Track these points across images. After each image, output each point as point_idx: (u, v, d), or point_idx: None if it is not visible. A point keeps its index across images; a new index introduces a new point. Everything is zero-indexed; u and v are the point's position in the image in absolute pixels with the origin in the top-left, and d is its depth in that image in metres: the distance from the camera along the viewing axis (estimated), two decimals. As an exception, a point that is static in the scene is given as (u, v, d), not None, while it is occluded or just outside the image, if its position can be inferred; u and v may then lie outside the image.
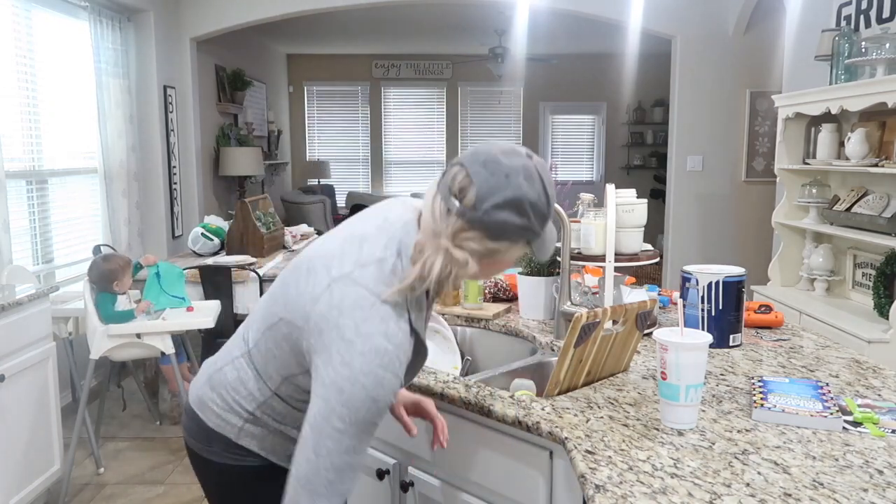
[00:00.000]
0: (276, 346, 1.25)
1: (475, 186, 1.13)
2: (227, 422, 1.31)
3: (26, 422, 2.73)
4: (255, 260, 4.16)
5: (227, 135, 6.48)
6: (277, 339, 1.24)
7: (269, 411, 1.30)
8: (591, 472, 1.17)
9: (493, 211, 1.12)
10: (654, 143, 9.83)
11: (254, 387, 1.30)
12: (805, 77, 3.94)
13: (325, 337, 1.14)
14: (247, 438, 1.31)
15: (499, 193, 1.12)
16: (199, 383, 1.38)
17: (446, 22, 7.45)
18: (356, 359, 1.11)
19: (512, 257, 1.21)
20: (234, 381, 1.31)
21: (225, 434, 1.31)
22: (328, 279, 1.18)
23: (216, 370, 1.36)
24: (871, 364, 1.76)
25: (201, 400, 1.35)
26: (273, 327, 1.25)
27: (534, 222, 1.15)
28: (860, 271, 3.40)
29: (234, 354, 1.34)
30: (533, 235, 1.17)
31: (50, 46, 4.09)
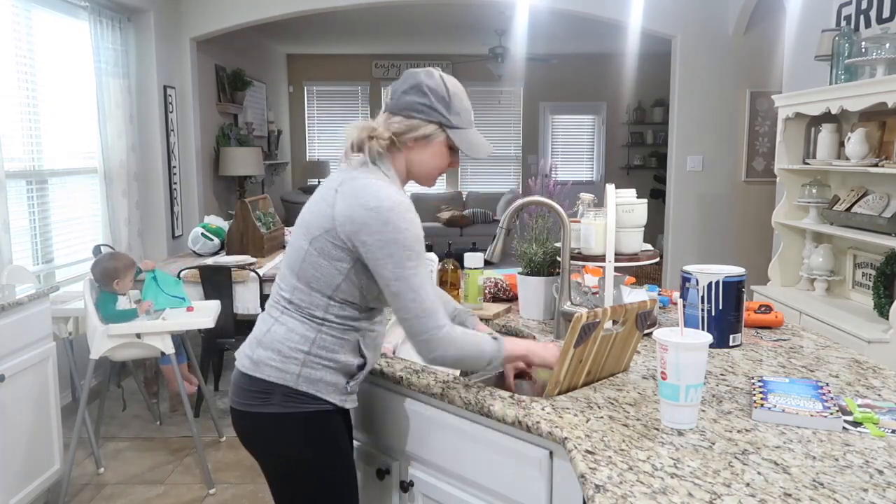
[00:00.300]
0: (316, 268, 1.50)
1: (391, 88, 1.58)
2: (286, 371, 1.51)
3: (26, 422, 2.73)
4: (255, 260, 4.16)
5: (227, 135, 6.48)
6: (316, 261, 1.49)
7: (323, 344, 1.52)
8: (591, 472, 1.17)
9: (402, 95, 1.55)
10: (654, 143, 9.83)
11: (303, 329, 1.52)
12: (805, 77, 3.94)
13: (356, 218, 1.44)
14: (305, 383, 1.51)
15: (405, 83, 1.56)
16: (248, 350, 1.56)
17: (446, 22, 7.46)
18: (390, 214, 1.43)
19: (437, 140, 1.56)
20: (284, 333, 1.53)
21: (284, 383, 1.51)
22: (333, 189, 1.51)
23: (264, 333, 1.55)
24: (871, 364, 1.76)
25: (255, 361, 1.53)
26: (307, 255, 1.50)
27: (434, 102, 1.53)
28: (860, 271, 3.40)
29: (275, 315, 1.56)
30: (441, 116, 1.54)
31: (50, 46, 4.09)
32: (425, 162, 1.59)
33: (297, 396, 1.52)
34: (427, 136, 1.55)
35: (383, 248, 1.43)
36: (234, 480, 3.24)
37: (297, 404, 1.52)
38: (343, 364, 1.55)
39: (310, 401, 1.52)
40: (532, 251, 2.14)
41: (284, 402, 1.51)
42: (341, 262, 1.49)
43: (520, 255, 2.18)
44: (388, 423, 1.76)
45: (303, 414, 1.52)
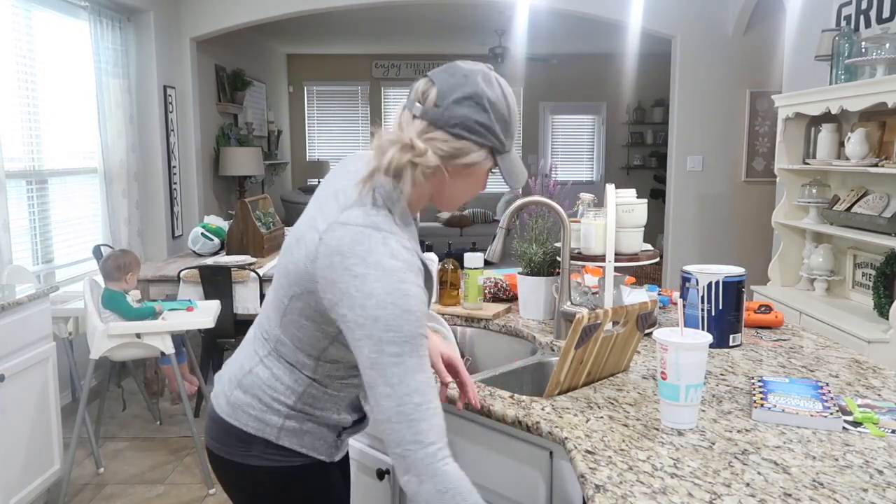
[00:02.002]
0: (298, 328, 1.24)
1: (436, 87, 1.18)
2: (267, 423, 1.29)
3: (26, 422, 2.73)
4: (255, 260, 4.16)
5: (227, 135, 6.48)
6: (296, 319, 1.24)
7: (309, 400, 1.29)
8: (591, 472, 1.17)
9: (454, 106, 1.17)
10: (654, 143, 9.83)
11: (290, 379, 1.29)
12: (805, 77, 3.94)
13: (338, 284, 1.14)
14: (287, 438, 1.30)
15: (459, 90, 1.17)
16: (226, 390, 1.33)
17: (446, 22, 7.45)
18: (375, 286, 1.12)
19: (481, 169, 1.24)
20: (268, 380, 1.29)
21: (265, 436, 1.29)
22: (317, 235, 1.18)
23: (245, 373, 1.32)
24: (871, 364, 1.76)
25: (234, 406, 1.31)
26: (287, 311, 1.24)
27: (494, 123, 1.19)
28: (860, 271, 3.40)
29: (261, 354, 1.32)
30: (496, 141, 1.21)
31: (50, 46, 4.09)
32: (458, 193, 1.28)
33: (279, 450, 1.30)
34: (473, 164, 1.22)
35: (362, 327, 1.12)
36: (234, 480, 3.24)
37: (281, 457, 1.30)
38: (335, 422, 1.33)
39: (294, 455, 1.31)
40: (532, 251, 2.14)
41: (265, 454, 1.30)
42: (328, 327, 1.21)
43: (520, 255, 2.18)
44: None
45: (287, 468, 1.31)
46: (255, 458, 1.30)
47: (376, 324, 1.11)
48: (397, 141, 1.17)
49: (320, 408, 1.31)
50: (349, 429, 1.37)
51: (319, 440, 1.32)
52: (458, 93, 1.17)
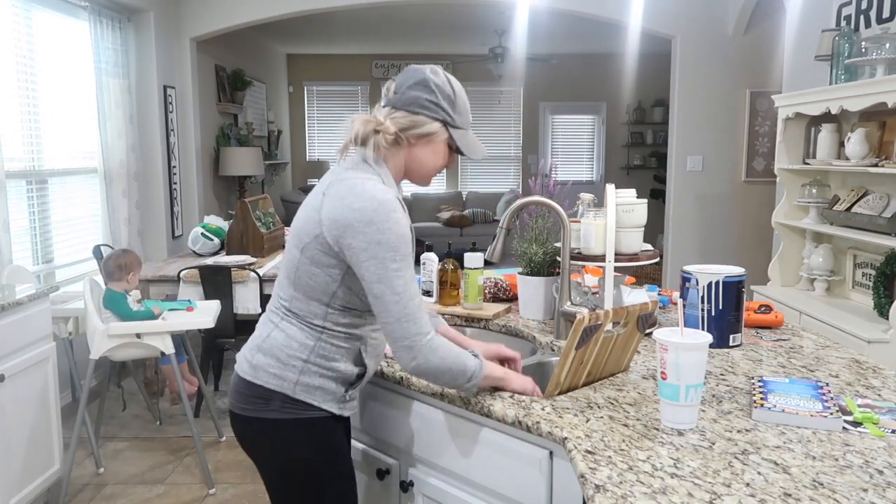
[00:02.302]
0: (310, 277, 1.47)
1: (395, 83, 1.54)
2: (284, 378, 1.50)
3: (26, 422, 2.73)
4: (255, 260, 4.16)
5: (227, 135, 6.48)
6: (308, 269, 1.47)
7: (322, 353, 1.50)
8: (591, 472, 1.17)
9: (407, 91, 1.51)
10: (654, 143, 9.83)
11: (302, 337, 1.50)
12: (805, 77, 3.94)
13: (342, 220, 1.42)
14: (302, 392, 1.50)
15: (410, 79, 1.52)
16: (248, 356, 1.55)
17: (446, 22, 7.45)
18: (373, 215, 1.40)
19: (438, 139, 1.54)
20: (284, 340, 1.51)
21: (283, 391, 1.49)
22: (321, 193, 1.48)
23: (263, 339, 1.54)
24: (871, 364, 1.76)
25: (254, 366, 1.52)
26: (300, 264, 1.48)
27: (441, 100, 1.52)
28: (860, 271, 3.40)
29: (275, 321, 1.54)
30: (445, 115, 1.52)
31: (50, 46, 4.09)
32: (425, 160, 1.56)
33: (294, 403, 1.50)
34: (430, 134, 1.52)
35: (366, 250, 1.40)
36: (234, 480, 3.24)
37: (296, 410, 1.50)
38: (342, 373, 1.53)
39: (308, 408, 1.51)
40: (532, 251, 2.14)
41: (283, 408, 1.50)
42: (333, 269, 1.46)
43: (520, 255, 2.18)
44: (388, 423, 1.77)
45: (301, 420, 1.51)
46: (274, 411, 1.50)
47: (379, 246, 1.39)
48: (367, 120, 1.51)
49: (330, 358, 1.51)
50: (354, 383, 1.56)
51: (329, 394, 1.52)
52: (409, 81, 1.51)
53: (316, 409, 1.51)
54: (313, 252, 1.46)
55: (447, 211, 9.35)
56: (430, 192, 9.76)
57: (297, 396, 1.49)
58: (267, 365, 1.51)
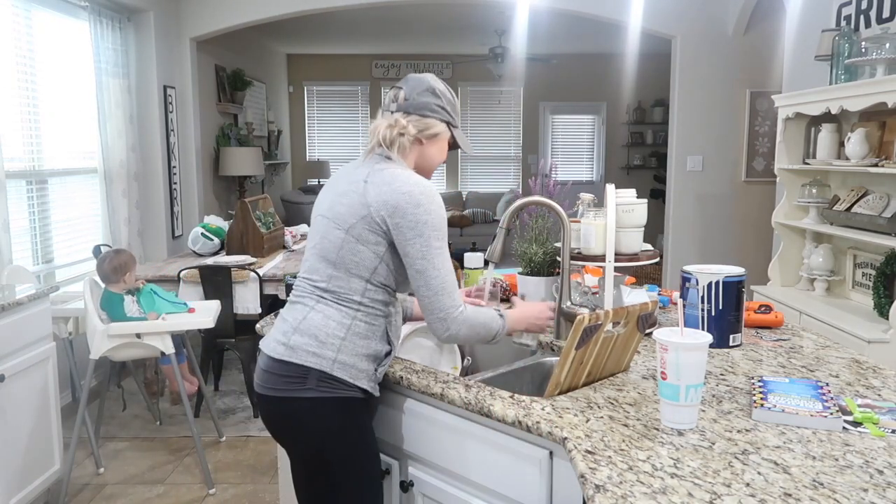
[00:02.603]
0: (355, 254, 1.61)
1: (403, 90, 1.72)
2: (322, 356, 1.59)
3: (26, 422, 2.73)
4: (255, 260, 4.16)
5: (227, 135, 6.47)
6: (353, 247, 1.60)
7: (357, 331, 1.62)
8: (591, 472, 1.17)
9: (418, 97, 1.70)
10: (654, 143, 9.83)
11: (339, 316, 1.62)
12: (805, 77, 3.94)
13: (390, 202, 1.58)
14: (339, 369, 1.59)
15: (420, 87, 1.71)
16: (281, 338, 1.63)
17: (446, 22, 7.45)
18: (421, 198, 1.58)
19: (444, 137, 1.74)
20: (321, 321, 1.62)
21: (320, 368, 1.58)
22: (362, 181, 1.63)
23: (300, 321, 1.63)
24: (871, 364, 1.76)
25: (291, 346, 1.61)
26: (345, 242, 1.61)
27: (445, 104, 1.73)
28: (860, 271, 3.40)
29: (310, 304, 1.65)
30: (449, 116, 1.73)
31: (50, 46, 4.09)
32: (434, 156, 1.75)
33: (331, 382, 1.59)
34: (438, 134, 1.72)
35: (414, 229, 1.57)
36: (234, 480, 3.24)
37: (332, 389, 1.59)
38: (374, 351, 1.64)
39: (342, 387, 1.60)
40: (532, 251, 2.14)
41: (319, 387, 1.58)
42: (378, 246, 1.60)
43: (520, 255, 2.18)
44: (388, 423, 1.77)
45: (337, 399, 1.60)
46: (309, 390, 1.58)
47: (425, 226, 1.58)
48: (391, 124, 1.69)
49: (364, 336, 1.63)
50: (383, 360, 1.67)
51: (362, 372, 1.62)
52: (419, 89, 1.71)
53: (349, 388, 1.60)
54: (360, 231, 1.60)
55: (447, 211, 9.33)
56: (430, 192, 9.72)
57: (335, 373, 1.58)
58: (305, 344, 1.60)
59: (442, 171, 10.12)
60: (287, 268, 4.02)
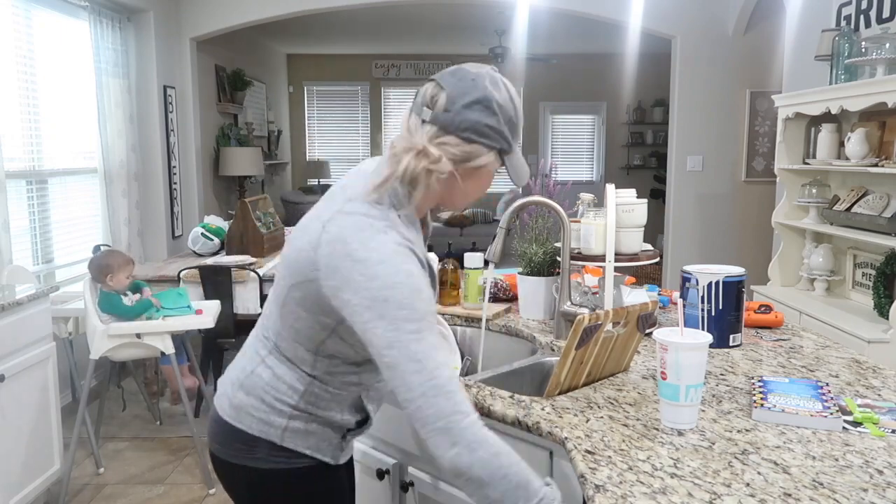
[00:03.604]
0: (296, 319, 1.24)
1: (445, 92, 1.19)
2: (271, 424, 1.29)
3: (26, 422, 2.73)
4: (255, 260, 4.16)
5: (227, 135, 6.48)
6: (294, 310, 1.23)
7: (312, 399, 1.29)
8: (591, 472, 1.17)
9: (464, 110, 1.18)
10: (654, 143, 9.83)
11: (291, 378, 1.28)
12: (805, 77, 3.94)
13: (341, 270, 1.14)
14: (291, 439, 1.30)
15: (468, 94, 1.18)
16: (229, 392, 1.34)
17: (446, 22, 7.46)
18: (377, 269, 1.13)
19: (489, 170, 1.25)
20: (270, 380, 1.29)
21: (269, 438, 1.29)
22: (321, 224, 1.19)
23: (247, 375, 1.32)
24: (871, 364, 1.76)
25: (237, 408, 1.31)
26: (286, 302, 1.24)
27: (503, 125, 1.21)
28: (860, 271, 3.40)
29: (262, 354, 1.32)
30: (504, 143, 1.23)
31: (50, 46, 4.09)
32: (470, 192, 1.29)
33: (284, 452, 1.30)
34: (483, 167, 1.24)
35: (371, 309, 1.12)
36: (234, 480, 3.24)
37: (286, 458, 1.30)
38: (338, 422, 1.32)
39: (300, 455, 1.31)
40: (532, 251, 2.14)
41: (270, 456, 1.30)
42: (325, 318, 1.21)
43: (520, 255, 2.18)
44: (388, 423, 1.76)
45: (292, 471, 1.31)
46: (259, 460, 1.30)
47: (387, 304, 1.11)
48: (412, 148, 1.18)
49: (323, 407, 1.30)
50: (353, 430, 1.36)
51: (324, 441, 1.32)
52: (467, 97, 1.18)
53: (308, 458, 1.32)
54: (304, 293, 1.21)
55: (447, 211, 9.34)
56: (430, 192, 9.74)
57: (285, 444, 1.29)
58: (250, 407, 1.29)
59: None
60: (287, 268, 4.02)
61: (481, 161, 1.22)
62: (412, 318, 1.12)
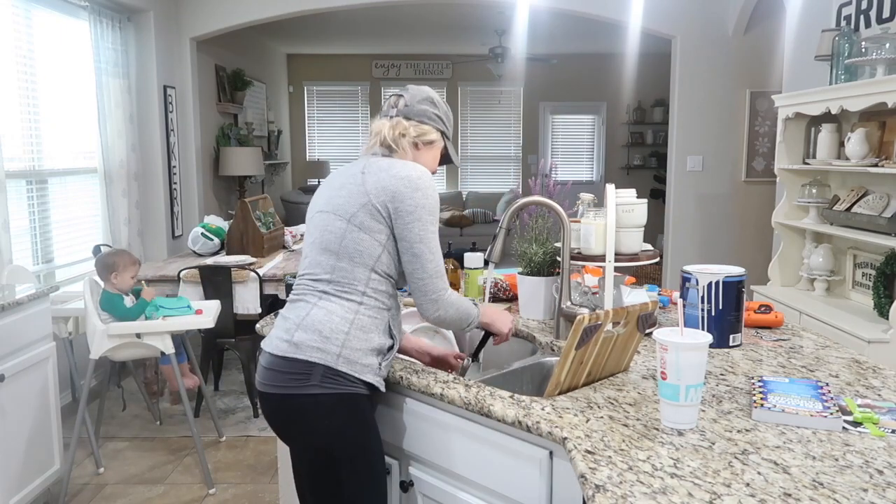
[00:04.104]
0: (358, 243, 1.63)
1: (405, 97, 1.79)
2: (327, 351, 1.59)
3: (26, 422, 2.73)
4: (255, 260, 4.16)
5: (227, 135, 6.47)
6: (356, 236, 1.63)
7: (360, 325, 1.63)
8: (591, 472, 1.17)
9: (418, 105, 1.78)
10: (654, 143, 9.83)
11: (342, 312, 1.63)
12: (805, 77, 3.94)
13: (388, 187, 1.63)
14: (344, 363, 1.59)
15: (420, 96, 1.79)
16: (285, 336, 1.63)
17: (446, 22, 7.45)
18: (418, 183, 1.63)
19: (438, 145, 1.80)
20: (325, 316, 1.62)
21: (325, 363, 1.59)
22: (359, 173, 1.69)
23: (302, 317, 1.64)
24: (871, 364, 1.76)
25: (295, 343, 1.61)
26: (347, 232, 1.64)
27: (442, 114, 1.80)
28: (860, 271, 3.40)
29: (312, 301, 1.66)
30: (444, 126, 1.81)
31: (50, 46, 4.09)
32: (427, 163, 1.77)
33: (335, 377, 1.59)
34: (433, 142, 1.79)
35: (413, 213, 1.61)
36: (234, 480, 3.24)
37: (335, 385, 1.59)
38: (377, 345, 1.65)
39: (347, 382, 1.60)
40: (532, 251, 2.14)
41: (323, 383, 1.58)
42: (379, 234, 1.63)
43: (520, 255, 2.18)
44: (388, 422, 1.77)
45: (341, 395, 1.59)
46: (313, 386, 1.59)
47: (423, 210, 1.63)
48: (394, 125, 1.75)
49: (368, 330, 1.64)
50: (386, 354, 1.68)
51: (367, 366, 1.63)
52: (420, 97, 1.79)
53: (354, 384, 1.60)
54: (362, 219, 1.63)
55: (447, 211, 9.35)
56: (430, 192, 9.73)
57: (339, 367, 1.59)
58: (310, 340, 1.60)
59: (442, 170, 10.13)
60: (287, 268, 4.02)
61: (432, 136, 1.78)
62: (434, 223, 1.65)
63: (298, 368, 1.59)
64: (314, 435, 1.62)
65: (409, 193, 1.61)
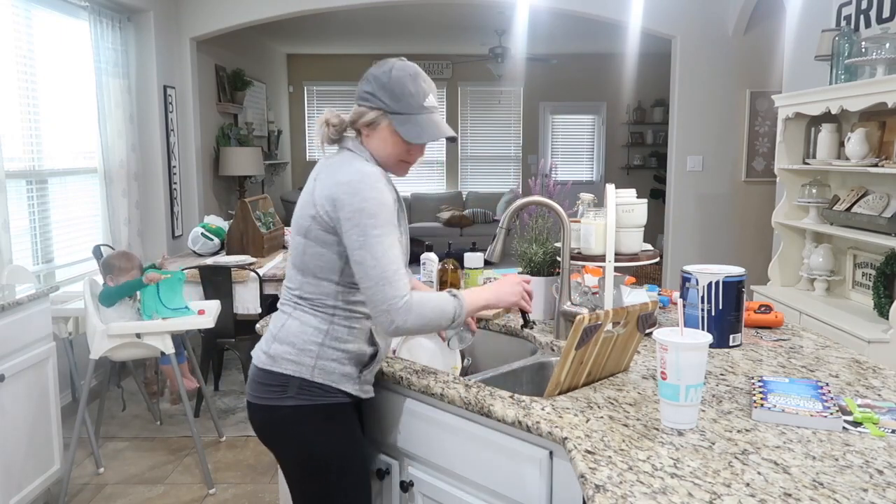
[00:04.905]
0: (318, 258, 1.56)
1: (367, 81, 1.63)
2: (301, 363, 1.57)
3: (26, 422, 2.73)
4: (255, 260, 4.16)
5: (227, 135, 6.47)
6: (314, 251, 1.56)
7: (335, 335, 1.59)
8: (591, 472, 1.17)
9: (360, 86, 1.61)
10: (654, 143, 9.83)
11: (315, 322, 1.59)
12: (805, 77, 3.94)
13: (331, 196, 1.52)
14: (320, 374, 1.57)
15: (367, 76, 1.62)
16: (264, 347, 1.62)
17: (446, 22, 7.45)
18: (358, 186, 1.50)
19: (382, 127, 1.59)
20: (298, 328, 1.59)
21: (300, 375, 1.57)
22: (312, 181, 1.60)
23: (279, 328, 1.62)
24: (871, 364, 1.76)
25: (271, 355, 1.60)
26: (306, 248, 1.57)
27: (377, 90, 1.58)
28: (860, 271, 3.40)
29: (287, 311, 1.63)
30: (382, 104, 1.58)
31: (50, 46, 4.09)
32: (379, 148, 1.62)
33: (310, 388, 1.57)
34: (371, 123, 1.60)
35: (350, 219, 1.49)
36: (234, 480, 3.24)
37: (313, 396, 1.58)
38: (355, 354, 1.61)
39: (324, 393, 1.58)
40: (532, 251, 2.14)
41: (300, 395, 1.57)
42: (335, 245, 1.55)
43: (520, 255, 2.18)
44: (388, 423, 1.77)
45: (318, 406, 1.58)
46: (290, 398, 1.57)
47: (360, 214, 1.48)
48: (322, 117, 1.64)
49: (343, 340, 1.59)
50: (368, 364, 1.63)
51: (345, 376, 1.60)
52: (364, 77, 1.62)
53: (333, 395, 1.59)
54: (315, 233, 1.55)
55: (447, 211, 9.35)
56: (429, 192, 9.75)
57: (315, 379, 1.57)
58: (284, 352, 1.58)
59: (442, 170, 10.13)
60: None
61: (368, 118, 1.59)
62: (377, 226, 1.49)
63: (276, 381, 1.59)
64: (295, 445, 1.62)
65: (348, 199, 1.49)
